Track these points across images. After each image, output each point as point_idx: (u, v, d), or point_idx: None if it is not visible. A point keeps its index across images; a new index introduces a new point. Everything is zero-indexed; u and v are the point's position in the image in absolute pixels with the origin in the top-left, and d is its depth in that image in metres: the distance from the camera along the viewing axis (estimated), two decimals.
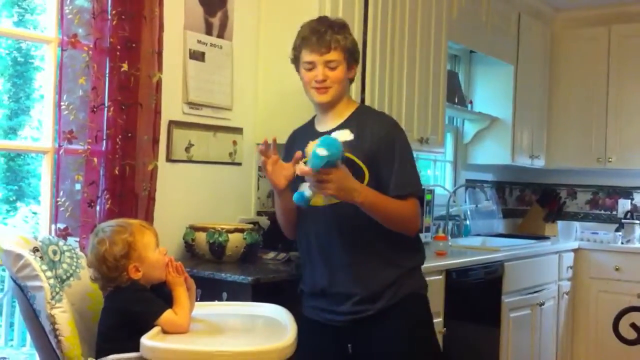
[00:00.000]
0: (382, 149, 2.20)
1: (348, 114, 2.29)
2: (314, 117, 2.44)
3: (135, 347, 1.78)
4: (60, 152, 2.44)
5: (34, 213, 5.79)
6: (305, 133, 2.37)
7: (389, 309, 2.18)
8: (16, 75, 6.93)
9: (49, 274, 1.87)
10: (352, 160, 2.16)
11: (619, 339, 2.43)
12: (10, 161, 6.97)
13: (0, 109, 6.51)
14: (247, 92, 3.26)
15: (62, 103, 2.45)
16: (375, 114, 2.38)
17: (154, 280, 1.98)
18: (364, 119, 2.26)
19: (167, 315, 1.88)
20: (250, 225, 2.93)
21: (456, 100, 4.49)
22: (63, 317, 1.84)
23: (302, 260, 2.40)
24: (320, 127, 2.32)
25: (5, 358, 3.19)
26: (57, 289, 1.87)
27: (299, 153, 2.16)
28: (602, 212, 5.36)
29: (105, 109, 2.52)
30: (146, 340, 1.77)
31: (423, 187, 2.34)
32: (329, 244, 2.24)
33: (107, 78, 2.53)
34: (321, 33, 2.22)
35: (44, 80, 2.63)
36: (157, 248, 2.01)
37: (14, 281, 1.88)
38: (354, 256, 2.20)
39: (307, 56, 2.24)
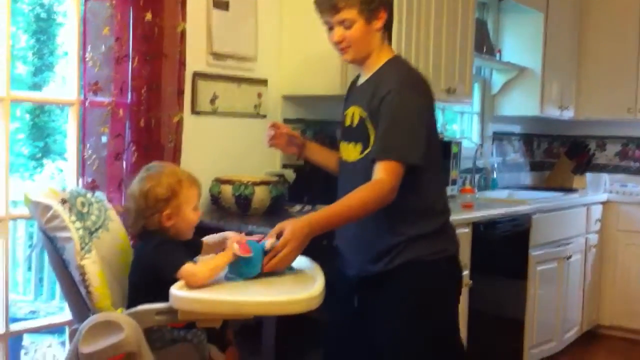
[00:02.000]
0: (383, 107, 2.07)
1: (376, 69, 2.18)
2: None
3: (162, 298, 1.79)
4: (86, 104, 2.43)
5: (60, 170, 5.85)
6: (353, 84, 2.32)
7: (385, 274, 2.12)
8: (39, 32, 6.91)
9: (77, 224, 1.88)
10: (363, 118, 2.12)
11: None
12: (35, 118, 7.03)
13: (25, 66, 6.54)
14: (272, 42, 3.21)
15: (86, 55, 2.43)
16: (394, 70, 2.15)
17: (180, 236, 1.98)
18: (381, 75, 2.15)
19: (186, 267, 1.85)
20: (276, 178, 2.92)
21: (484, 50, 4.39)
22: (92, 267, 1.85)
23: None
24: (360, 79, 2.26)
25: (35, 311, 3.25)
26: (86, 240, 1.88)
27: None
28: (632, 164, 5.26)
29: (130, 60, 2.50)
30: (175, 290, 1.77)
31: (420, 152, 2.05)
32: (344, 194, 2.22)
33: (130, 28, 2.50)
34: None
35: (68, 33, 2.60)
36: (196, 208, 2.00)
37: (43, 232, 1.89)
38: (355, 224, 2.13)
39: (322, 17, 2.16)
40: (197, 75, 2.87)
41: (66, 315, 2.40)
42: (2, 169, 2.38)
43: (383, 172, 2.00)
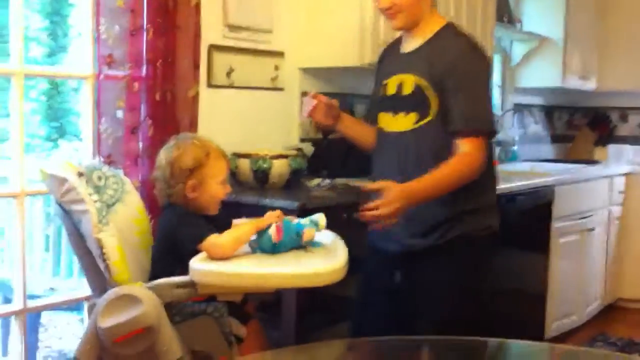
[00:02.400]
0: (450, 77, 2.01)
1: (430, 35, 2.11)
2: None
3: (182, 271, 1.76)
4: (101, 78, 2.39)
5: (76, 150, 5.85)
6: (392, 53, 2.25)
7: (436, 248, 2.08)
8: (53, 13, 6.89)
9: (94, 197, 1.85)
10: (422, 86, 2.04)
11: None
12: (50, 99, 7.04)
13: (39, 47, 6.53)
14: (288, 13, 3.15)
15: (100, 27, 2.39)
16: (455, 37, 2.12)
17: (205, 209, 1.96)
18: (441, 42, 2.09)
19: (210, 238, 1.82)
20: (294, 152, 2.88)
21: (505, 20, 4.29)
22: (110, 241, 1.82)
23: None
24: (406, 47, 2.17)
25: (53, 289, 3.25)
26: (104, 213, 1.85)
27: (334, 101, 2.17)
28: None
29: (144, 32, 2.45)
30: (195, 263, 1.75)
31: (494, 121, 2.10)
32: (390, 176, 2.11)
33: (145, 0, 2.45)
34: None
35: (81, 6, 2.56)
36: (223, 183, 1.97)
37: (60, 206, 1.87)
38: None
39: None
40: (212, 48, 2.82)
41: (84, 291, 2.39)
42: (17, 144, 2.35)
43: (470, 146, 1.99)
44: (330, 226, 2.19)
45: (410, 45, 2.14)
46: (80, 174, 1.88)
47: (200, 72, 2.68)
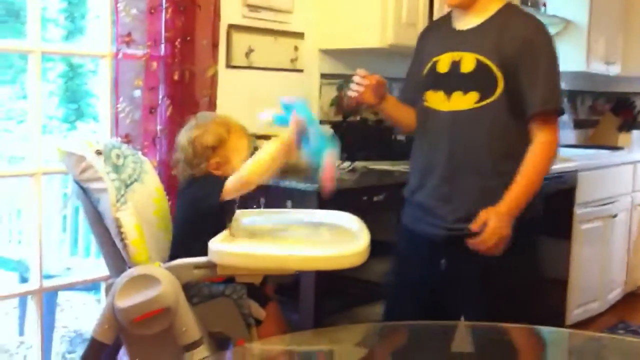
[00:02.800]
0: (524, 55, 1.94)
1: (491, 13, 2.02)
2: (450, 12, 2.16)
3: (205, 244, 1.73)
4: (119, 56, 2.36)
5: (94, 132, 5.86)
6: (439, 30, 2.16)
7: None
8: None
9: (113, 176, 1.82)
10: (486, 65, 1.96)
11: None
12: (68, 81, 7.05)
13: (57, 29, 6.53)
14: None
15: (118, 5, 2.36)
16: (522, 15, 2.06)
17: None
18: (506, 20, 2.01)
19: (228, 181, 1.81)
20: None
21: (529, 3, 4.20)
22: (129, 220, 1.80)
23: (410, 165, 2.22)
24: (460, 25, 2.07)
25: (70, 268, 3.25)
26: (122, 192, 1.82)
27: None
28: None
29: (163, 10, 2.42)
30: (214, 244, 1.72)
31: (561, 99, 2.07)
32: (437, 157, 2.06)
33: None
34: None
35: None
36: (246, 159, 1.94)
37: (77, 184, 1.84)
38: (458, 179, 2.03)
39: None
40: (231, 28, 2.78)
41: (101, 271, 2.37)
42: (35, 123, 2.33)
43: (547, 131, 1.96)
44: (351, 209, 2.16)
45: (466, 22, 2.05)
46: (99, 152, 1.85)
47: (219, 52, 2.64)
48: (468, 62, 1.99)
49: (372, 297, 2.86)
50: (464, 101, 1.99)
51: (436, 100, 2.06)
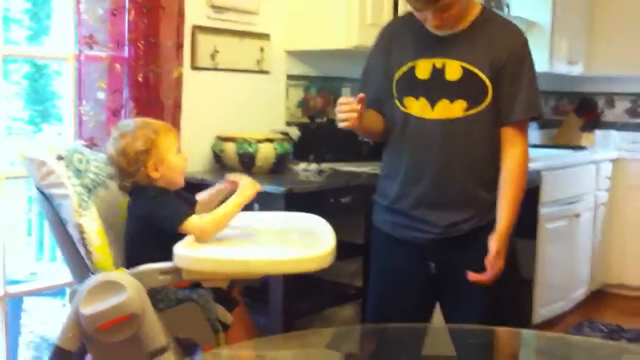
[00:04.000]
0: (511, 64, 1.94)
1: (471, 19, 1.98)
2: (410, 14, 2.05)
3: (163, 254, 1.71)
4: (82, 58, 2.33)
5: (59, 134, 5.77)
6: (410, 31, 2.03)
7: (476, 231, 2.01)
8: None
9: (74, 181, 1.79)
10: (475, 74, 1.94)
11: None
12: (33, 82, 6.92)
13: (21, 30, 6.40)
14: None
15: (80, 6, 2.32)
16: (504, 23, 2.04)
17: (172, 185, 1.91)
18: (490, 27, 1.98)
19: (193, 219, 1.81)
20: (281, 136, 2.83)
21: (492, 4, 4.25)
22: (92, 226, 1.77)
23: (385, 172, 2.16)
24: (444, 31, 1.98)
25: (35, 273, 3.19)
26: (85, 197, 1.79)
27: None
28: None
29: (126, 12, 2.39)
30: (180, 249, 1.70)
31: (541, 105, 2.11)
32: (430, 166, 2.03)
33: None
34: None
35: None
36: (178, 151, 1.93)
37: (39, 190, 1.81)
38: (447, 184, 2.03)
39: (414, 6, 1.91)
40: (196, 29, 2.76)
41: (67, 277, 2.33)
42: None
43: (520, 137, 1.99)
44: (319, 211, 2.15)
45: (444, 31, 1.97)
46: (60, 157, 1.82)
47: (184, 53, 2.62)
48: (453, 69, 1.95)
49: (342, 298, 2.86)
50: (452, 109, 1.96)
51: (418, 107, 2.00)
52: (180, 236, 1.79)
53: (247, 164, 2.67)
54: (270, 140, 2.70)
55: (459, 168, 2.00)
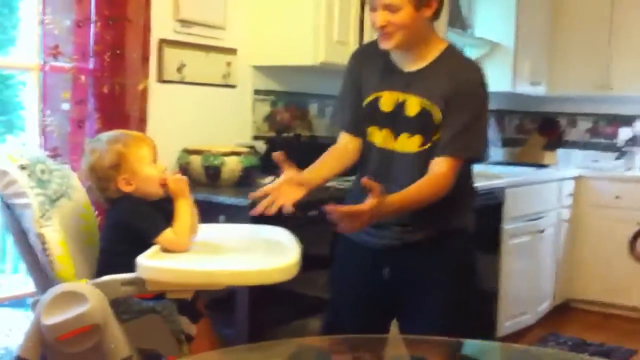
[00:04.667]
0: (456, 95, 1.94)
1: (434, 56, 1.99)
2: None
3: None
4: (46, 69, 2.31)
5: (23, 145, 5.69)
6: (376, 62, 2.05)
7: (432, 239, 2.04)
8: (2, 5, 6.73)
9: (37, 191, 1.77)
10: (429, 111, 1.96)
11: (636, 258, 2.38)
12: None
13: None
14: (241, 10, 3.11)
15: (45, 17, 2.32)
16: (463, 60, 2.05)
17: (149, 196, 1.90)
18: (449, 65, 1.98)
19: (166, 234, 1.82)
20: (247, 149, 2.83)
21: (457, 25, 4.33)
22: (53, 236, 1.75)
23: (353, 186, 2.22)
24: (403, 64, 2.02)
25: None
26: (47, 207, 1.77)
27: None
28: (603, 140, 5.27)
29: (92, 24, 2.38)
30: (143, 259, 1.69)
31: (486, 148, 2.13)
32: (386, 183, 2.00)
33: None
34: None
35: None
36: (153, 163, 1.92)
37: (1, 200, 1.78)
38: None
39: None
40: (163, 42, 2.76)
41: (30, 287, 2.29)
42: None
43: (447, 167, 1.94)
44: (283, 223, 2.15)
45: (409, 64, 2.01)
46: (23, 167, 1.80)
47: (150, 66, 2.62)
48: (413, 105, 1.98)
49: (309, 310, 2.86)
50: (410, 144, 1.99)
51: (381, 138, 2.03)
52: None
53: (213, 176, 2.67)
54: (236, 154, 2.71)
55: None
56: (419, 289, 2.06)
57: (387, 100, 2.02)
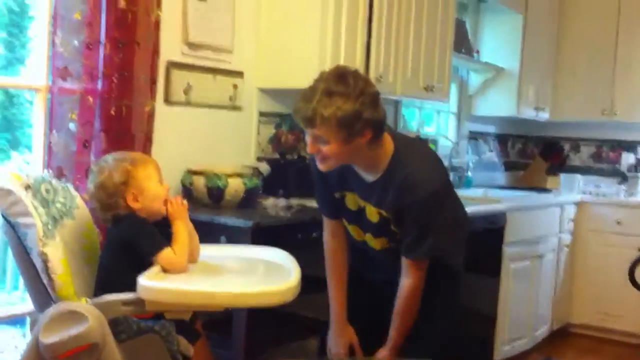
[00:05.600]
0: (406, 212, 1.98)
1: (384, 167, 1.98)
2: None
3: (135, 282, 1.74)
4: (54, 90, 2.36)
5: (28, 163, 5.75)
6: (338, 171, 2.03)
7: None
8: (11, 25, 6.81)
9: (40, 210, 1.81)
10: (388, 219, 2.03)
11: (634, 286, 2.41)
12: (4, 110, 6.92)
13: None
14: (248, 34, 3.16)
15: (55, 39, 2.36)
16: (406, 172, 1.96)
17: (153, 214, 1.95)
18: (396, 176, 1.96)
19: (166, 253, 1.86)
20: (250, 170, 2.87)
21: (463, 50, 4.37)
22: (55, 255, 1.79)
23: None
24: (360, 172, 2.03)
25: None
26: (50, 227, 1.81)
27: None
28: (605, 165, 5.30)
29: (101, 46, 2.44)
30: (143, 280, 1.73)
31: (460, 252, 2.27)
32: (366, 261, 2.24)
33: (103, 14, 2.44)
34: (307, 100, 1.86)
35: (38, 16, 2.53)
36: (159, 182, 1.97)
37: (4, 218, 1.82)
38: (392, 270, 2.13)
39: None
40: (171, 65, 2.81)
41: (28, 305, 2.33)
42: None
43: (415, 269, 2.05)
44: (284, 245, 2.19)
45: (365, 174, 2.02)
46: (27, 187, 1.84)
47: (157, 88, 2.67)
48: (372, 213, 2.05)
49: (307, 332, 2.88)
50: (377, 243, 2.12)
51: (353, 230, 2.17)
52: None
53: (216, 197, 2.70)
54: (239, 175, 2.75)
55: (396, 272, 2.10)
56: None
57: (351, 200, 2.10)
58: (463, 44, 4.42)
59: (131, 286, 1.76)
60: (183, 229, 1.94)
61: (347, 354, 2.17)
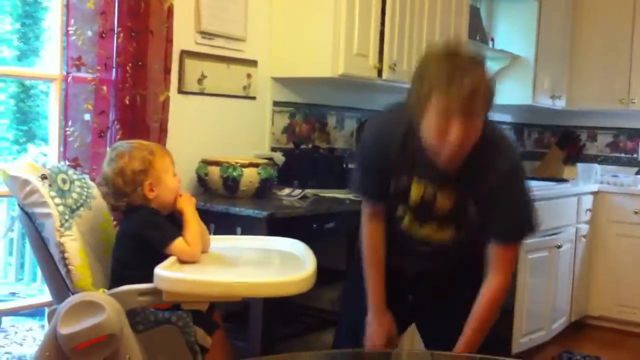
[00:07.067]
0: (492, 195, 1.83)
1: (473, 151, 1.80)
2: (411, 126, 1.82)
3: (149, 273, 1.72)
4: (69, 80, 2.35)
5: (44, 154, 5.77)
6: (407, 147, 1.87)
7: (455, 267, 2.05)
8: (25, 16, 6.81)
9: (57, 200, 1.80)
10: (464, 206, 1.89)
11: None
12: (20, 102, 6.94)
13: (10, 50, 6.44)
14: (262, 22, 3.13)
15: (69, 29, 2.35)
16: (495, 150, 1.84)
17: (166, 206, 1.94)
18: (484, 161, 1.82)
19: (178, 242, 1.85)
20: (265, 161, 2.85)
21: (477, 37, 4.33)
22: (73, 245, 1.78)
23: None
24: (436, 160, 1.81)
25: (15, 293, 3.17)
26: (67, 217, 1.80)
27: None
28: (623, 155, 5.23)
29: (115, 35, 2.42)
30: (160, 270, 1.71)
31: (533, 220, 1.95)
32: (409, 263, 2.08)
33: (116, 3, 2.42)
34: (456, 77, 1.66)
35: (52, 7, 2.52)
36: (174, 174, 1.96)
37: (22, 209, 1.81)
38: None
39: (446, 116, 1.68)
40: (184, 54, 2.79)
41: (46, 297, 2.33)
42: None
43: (505, 261, 1.90)
44: (299, 236, 2.17)
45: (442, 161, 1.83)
46: (44, 177, 1.83)
47: (171, 77, 2.65)
48: (445, 200, 1.90)
49: (323, 324, 2.87)
50: (440, 234, 1.96)
51: (407, 221, 1.98)
52: (167, 257, 1.82)
53: (231, 188, 2.68)
54: (254, 165, 2.72)
55: (442, 270, 2.04)
56: (441, 307, 2.08)
57: (416, 190, 1.92)
58: (477, 32, 4.37)
59: (146, 279, 1.75)
60: (193, 218, 1.93)
61: (386, 346, 2.06)
